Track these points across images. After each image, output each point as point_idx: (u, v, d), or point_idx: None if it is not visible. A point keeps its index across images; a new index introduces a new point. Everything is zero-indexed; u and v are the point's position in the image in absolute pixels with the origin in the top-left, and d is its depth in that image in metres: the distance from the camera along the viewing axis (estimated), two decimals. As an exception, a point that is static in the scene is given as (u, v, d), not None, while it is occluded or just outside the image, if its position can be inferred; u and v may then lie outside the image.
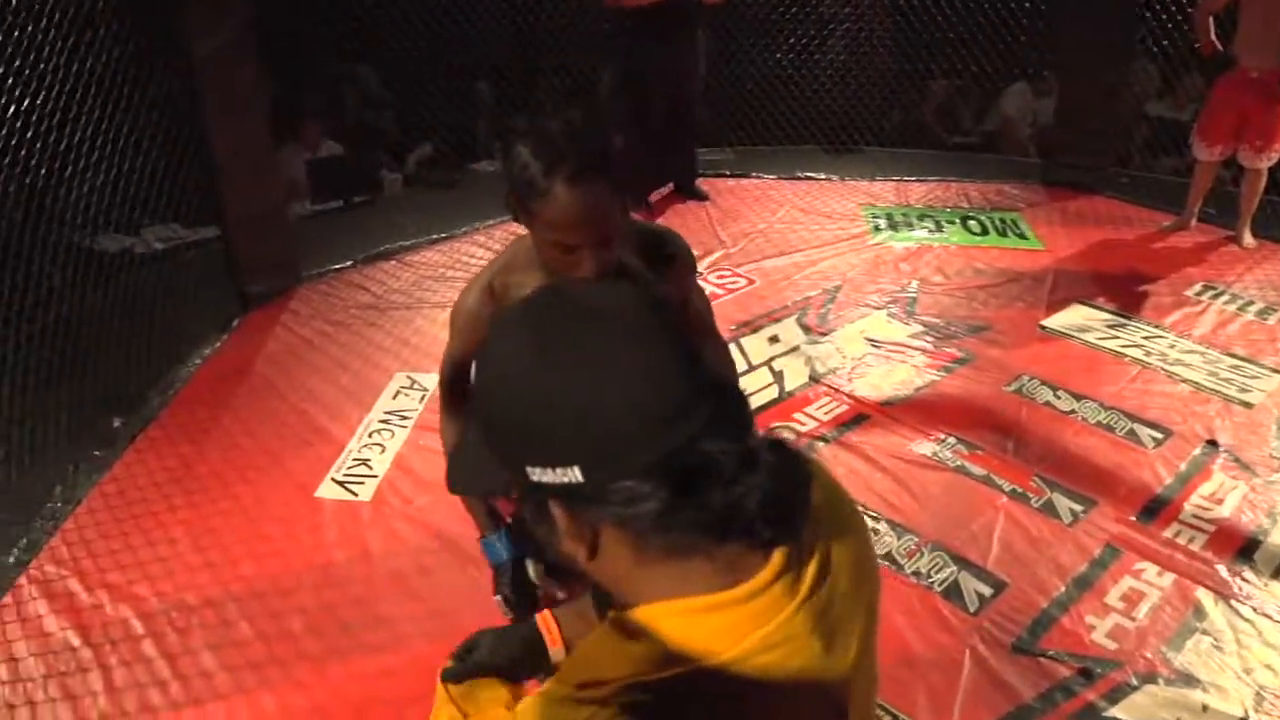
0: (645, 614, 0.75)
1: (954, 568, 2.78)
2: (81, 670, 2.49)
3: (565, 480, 0.71)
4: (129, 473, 3.27)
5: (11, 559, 2.86)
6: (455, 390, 1.74)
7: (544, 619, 1.17)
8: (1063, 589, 2.70)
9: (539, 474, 0.72)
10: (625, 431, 0.70)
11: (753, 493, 0.71)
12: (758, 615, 0.74)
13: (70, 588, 2.76)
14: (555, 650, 1.15)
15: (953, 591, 2.70)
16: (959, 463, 3.22)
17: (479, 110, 6.56)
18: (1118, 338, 4.02)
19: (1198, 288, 4.45)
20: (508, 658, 1.13)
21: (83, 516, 3.06)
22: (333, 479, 3.22)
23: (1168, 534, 2.91)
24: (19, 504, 3.05)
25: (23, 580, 2.79)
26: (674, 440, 0.70)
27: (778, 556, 0.75)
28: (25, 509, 3.04)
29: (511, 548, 1.82)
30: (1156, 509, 3.01)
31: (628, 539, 0.73)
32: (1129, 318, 4.18)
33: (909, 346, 3.96)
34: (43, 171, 3.40)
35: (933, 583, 2.73)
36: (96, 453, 3.35)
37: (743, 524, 0.72)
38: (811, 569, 0.78)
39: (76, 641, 2.58)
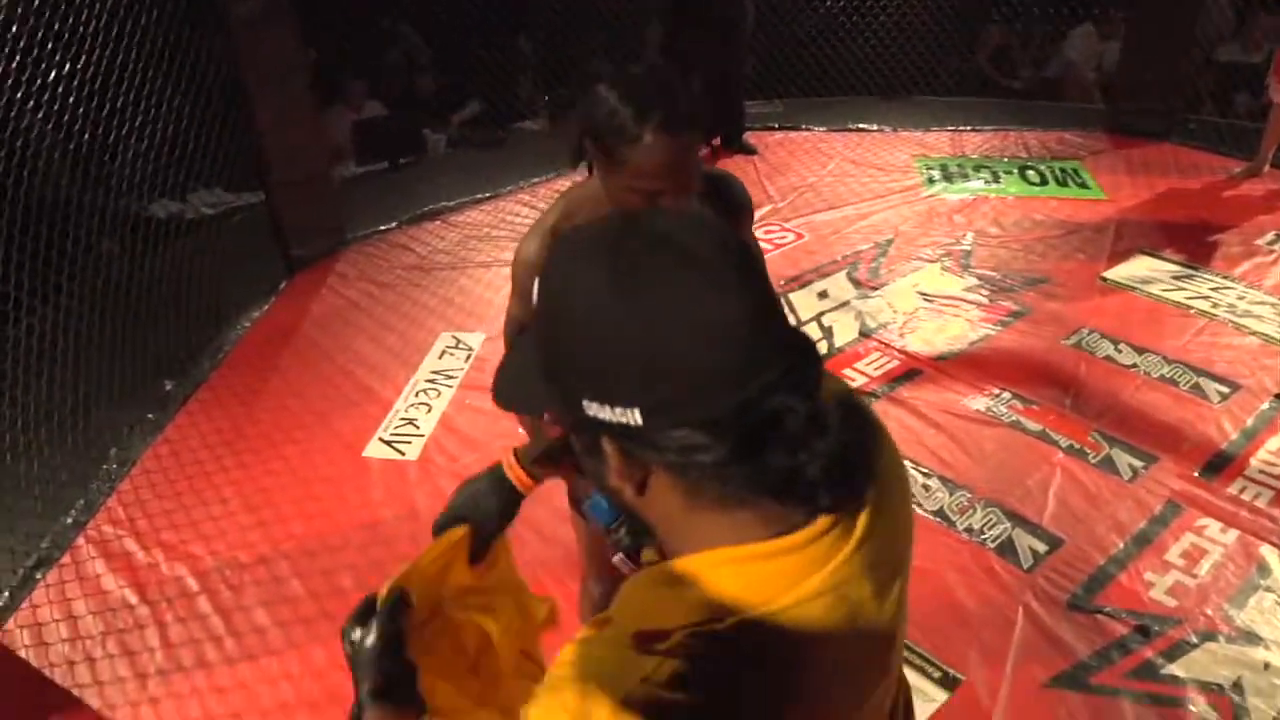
0: (698, 562, 0.73)
1: (1008, 524, 2.71)
2: (139, 627, 2.55)
3: (622, 421, 0.68)
4: (181, 434, 3.34)
5: (70, 520, 2.94)
6: None
7: (510, 466, 1.16)
8: (1121, 546, 2.62)
9: (595, 409, 0.69)
10: (693, 381, 0.66)
11: (816, 459, 0.68)
12: (811, 562, 0.72)
13: (127, 547, 2.83)
14: (524, 489, 1.16)
15: (1006, 548, 2.63)
16: (1014, 418, 3.13)
17: (521, 68, 6.49)
18: (1183, 289, 3.86)
19: (1270, 236, 4.24)
20: (486, 510, 1.13)
21: (138, 477, 3.12)
22: (380, 439, 3.24)
23: (1232, 490, 2.79)
24: (76, 466, 3.12)
25: (81, 540, 2.86)
26: (742, 396, 0.66)
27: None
28: (82, 470, 3.12)
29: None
30: (1221, 465, 2.89)
31: (680, 485, 0.71)
32: (1196, 268, 4.01)
33: (963, 300, 3.84)
34: (86, 136, 3.43)
35: (986, 539, 2.66)
36: (150, 415, 3.42)
37: (803, 490, 0.70)
38: (864, 517, 0.75)
39: (134, 599, 2.64)
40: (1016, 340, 3.58)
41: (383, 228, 4.80)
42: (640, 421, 0.67)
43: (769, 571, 0.71)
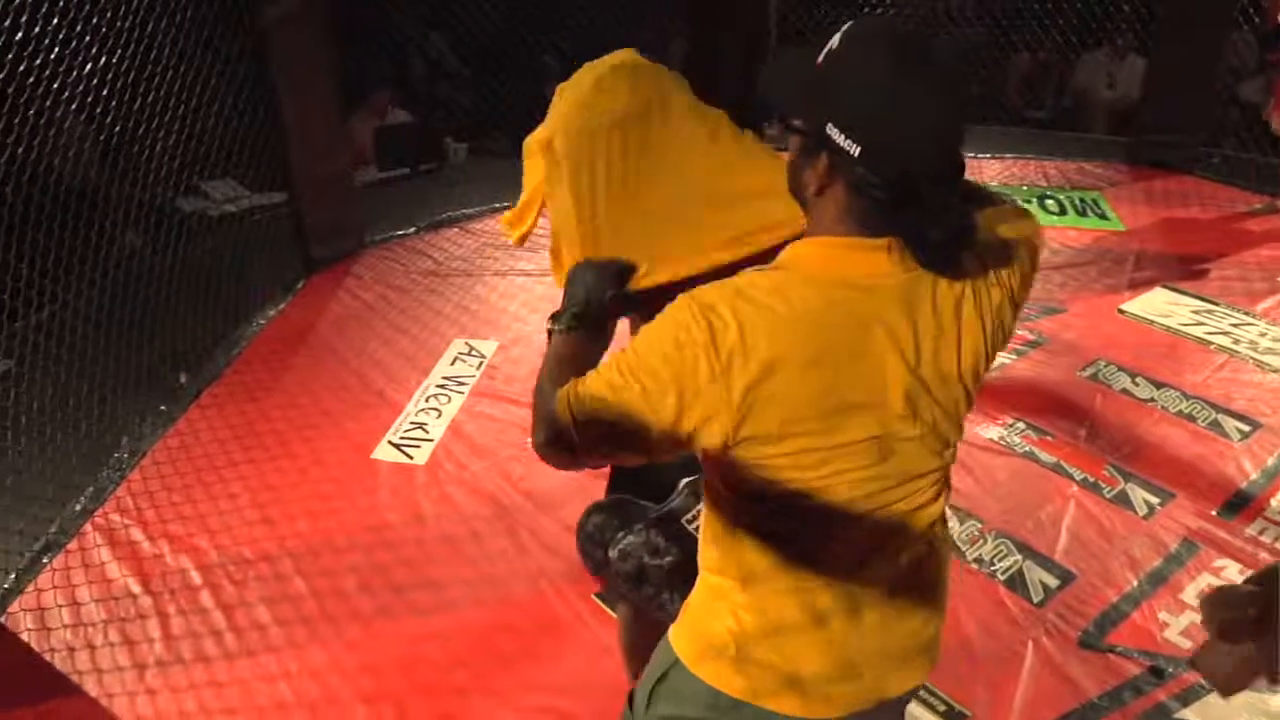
0: (811, 242, 1.07)
1: (1018, 556, 2.67)
2: (140, 617, 2.54)
3: (844, 147, 0.98)
4: (193, 428, 3.34)
5: (79, 506, 2.94)
6: None
7: None
8: (1135, 583, 2.58)
9: (833, 132, 0.99)
10: (903, 150, 0.98)
11: (934, 230, 1.00)
12: (865, 262, 1.04)
13: (133, 536, 2.82)
14: None
15: (1016, 581, 2.59)
16: (1027, 449, 3.10)
17: (547, 84, 6.52)
18: (1203, 324, 3.82)
19: (1292, 274, 4.21)
20: None
21: (147, 468, 3.12)
22: (389, 441, 3.23)
23: (1251, 530, 2.76)
24: (88, 453, 3.12)
25: (88, 527, 2.86)
26: (921, 172, 0.98)
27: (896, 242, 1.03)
28: (93, 458, 3.12)
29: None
30: (1240, 504, 2.85)
31: (846, 201, 1.02)
32: (1216, 303, 3.98)
33: (979, 327, 3.82)
34: (117, 129, 3.45)
35: (995, 571, 2.63)
36: (163, 407, 3.42)
37: (917, 240, 1.01)
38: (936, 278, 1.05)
39: (137, 589, 2.63)
40: (1032, 370, 3.55)
41: (401, 233, 4.82)
42: (855, 154, 0.98)
43: (845, 257, 1.04)
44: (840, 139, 0.98)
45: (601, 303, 1.34)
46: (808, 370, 1.01)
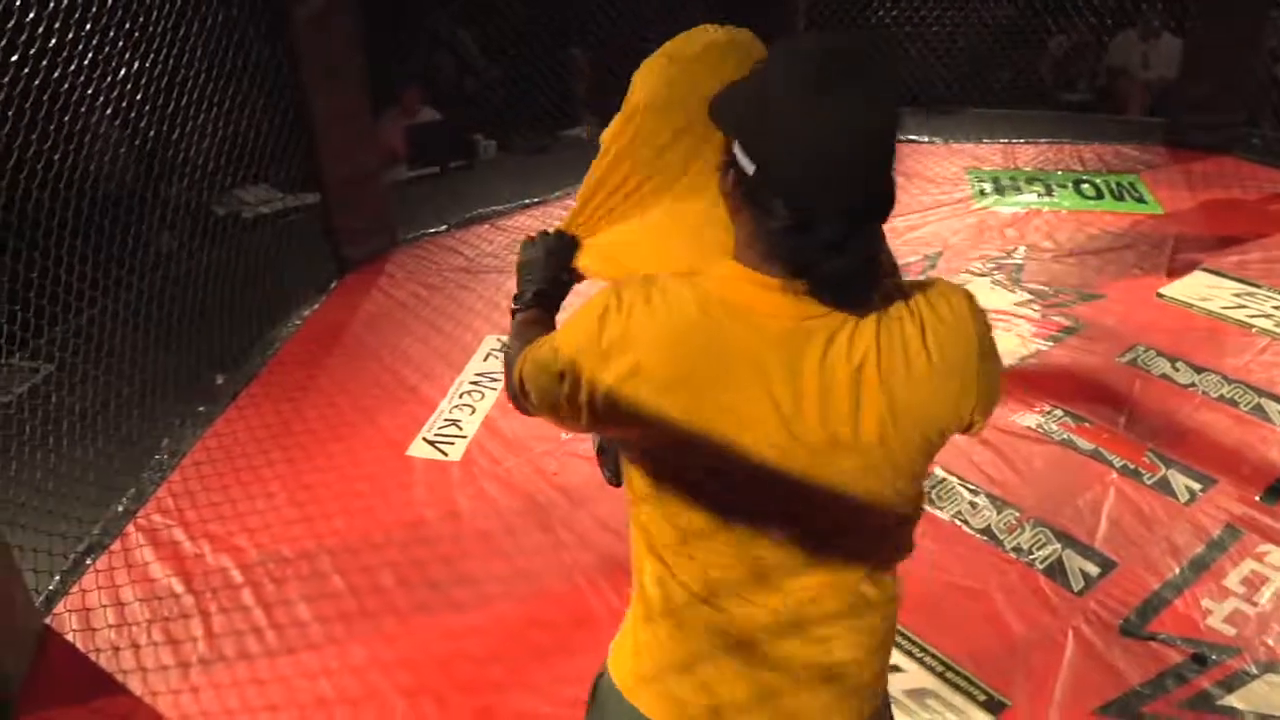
0: (721, 265, 1.02)
1: (1058, 545, 2.64)
2: (183, 616, 2.58)
3: (743, 166, 0.96)
4: (230, 428, 3.38)
5: (121, 508, 2.99)
6: None
7: None
8: (1177, 570, 2.54)
9: (737, 151, 0.97)
10: (804, 175, 0.92)
11: (828, 265, 0.94)
12: (770, 302, 0.99)
13: (175, 537, 2.87)
14: None
15: (1056, 570, 2.56)
16: (1065, 436, 3.06)
17: (575, 77, 6.51)
18: (1245, 307, 3.75)
19: (1337, 254, 4.11)
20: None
21: (187, 469, 3.17)
22: (424, 438, 3.26)
23: (1296, 516, 2.70)
24: (129, 455, 3.18)
25: (130, 528, 2.91)
26: (816, 203, 0.92)
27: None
28: (135, 460, 3.17)
29: None
30: (1284, 489, 2.80)
31: (750, 226, 0.98)
32: (1258, 286, 3.90)
33: (1014, 315, 3.77)
34: (151, 133, 3.51)
35: (1034, 560, 2.60)
36: (201, 408, 3.47)
37: (819, 279, 0.96)
38: (838, 320, 0.98)
39: (179, 588, 2.68)
40: (1069, 356, 3.50)
41: (432, 230, 4.85)
42: (750, 173, 0.95)
43: (741, 288, 0.99)
44: (741, 157, 0.96)
45: (560, 281, 1.40)
46: (668, 388, 0.98)
